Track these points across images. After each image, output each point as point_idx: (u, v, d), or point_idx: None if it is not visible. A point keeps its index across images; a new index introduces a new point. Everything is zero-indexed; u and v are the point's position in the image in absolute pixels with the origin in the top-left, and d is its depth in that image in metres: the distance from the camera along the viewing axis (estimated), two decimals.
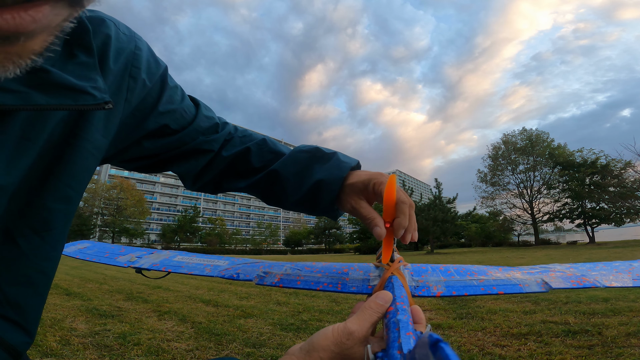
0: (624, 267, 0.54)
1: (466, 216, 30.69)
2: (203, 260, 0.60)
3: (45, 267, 0.34)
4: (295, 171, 0.51)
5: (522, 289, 0.46)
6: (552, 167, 29.38)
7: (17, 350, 0.32)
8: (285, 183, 0.51)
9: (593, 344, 2.03)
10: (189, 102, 0.51)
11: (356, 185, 0.47)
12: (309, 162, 0.51)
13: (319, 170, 0.50)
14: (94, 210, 39.33)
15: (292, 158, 0.52)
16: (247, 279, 0.53)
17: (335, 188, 0.48)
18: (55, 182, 0.32)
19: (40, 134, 0.29)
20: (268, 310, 3.32)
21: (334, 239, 54.40)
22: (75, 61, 0.30)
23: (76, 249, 0.70)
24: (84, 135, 0.33)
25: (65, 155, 0.32)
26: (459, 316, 2.81)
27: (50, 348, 2.14)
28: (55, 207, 0.33)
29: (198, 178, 0.54)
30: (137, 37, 0.41)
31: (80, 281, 5.61)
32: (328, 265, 0.55)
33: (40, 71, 0.26)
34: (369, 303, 0.35)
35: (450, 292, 0.46)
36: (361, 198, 0.48)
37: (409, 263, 0.52)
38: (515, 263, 8.43)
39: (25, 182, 0.30)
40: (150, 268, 0.59)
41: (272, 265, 0.57)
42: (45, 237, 0.33)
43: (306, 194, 0.50)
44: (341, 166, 0.49)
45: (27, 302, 0.33)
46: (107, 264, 0.64)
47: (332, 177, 0.48)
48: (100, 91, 0.30)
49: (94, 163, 0.36)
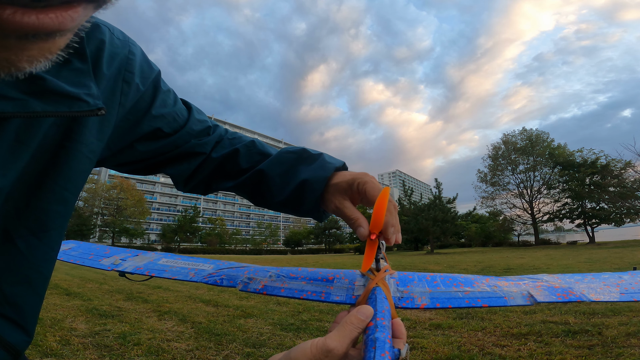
0: (613, 279, 0.54)
1: (466, 216, 30.67)
2: (188, 264, 0.59)
3: (43, 268, 0.35)
4: (280, 171, 0.51)
5: (507, 301, 0.46)
6: (552, 167, 29.39)
7: (16, 349, 0.33)
8: (271, 183, 0.51)
9: (593, 344, 2.03)
10: (182, 106, 0.52)
11: (340, 185, 0.48)
12: (295, 162, 0.52)
13: (304, 171, 0.50)
14: (94, 210, 39.35)
15: (278, 158, 0.53)
16: (230, 285, 0.52)
17: (319, 188, 0.48)
18: (51, 185, 0.33)
19: (33, 137, 0.30)
20: (268, 310, 3.32)
21: (334, 239, 54.41)
22: (69, 67, 0.30)
23: (60, 250, 0.69)
24: (79, 139, 0.34)
25: (60, 158, 0.33)
26: (459, 316, 2.81)
27: (50, 348, 2.14)
28: (52, 209, 0.34)
29: (190, 180, 0.55)
30: (130, 42, 0.42)
31: (80, 281, 5.61)
32: (314, 272, 0.54)
33: (37, 78, 0.27)
34: (350, 318, 0.35)
35: (435, 304, 0.45)
36: (345, 198, 0.48)
37: (395, 272, 0.52)
38: (515, 263, 8.43)
39: (22, 184, 0.31)
40: (134, 272, 0.58)
41: (257, 270, 0.56)
42: (42, 238, 0.33)
43: (291, 193, 0.50)
44: (326, 166, 0.49)
45: (25, 302, 0.34)
46: (91, 267, 0.63)
47: (316, 177, 0.48)
48: (94, 97, 0.31)
49: (89, 166, 0.37)
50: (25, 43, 0.16)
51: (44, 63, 0.17)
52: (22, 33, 0.15)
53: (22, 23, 0.14)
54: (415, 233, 24.88)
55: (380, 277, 0.45)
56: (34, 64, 0.17)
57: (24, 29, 0.14)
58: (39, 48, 0.16)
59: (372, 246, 0.45)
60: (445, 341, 2.24)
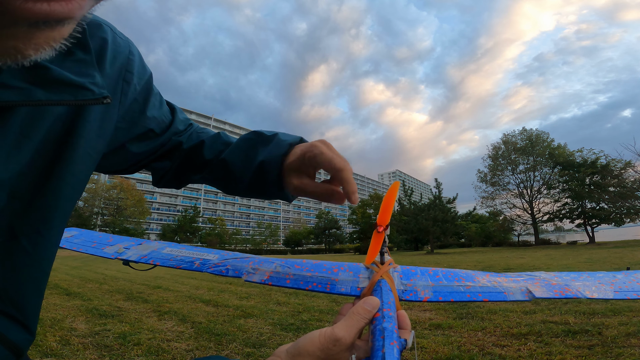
0: (608, 278, 0.55)
1: (466, 216, 30.65)
2: (192, 254, 0.59)
3: (45, 265, 0.35)
4: (241, 157, 0.51)
5: (506, 296, 0.47)
6: (552, 167, 29.37)
7: (19, 348, 0.33)
8: (234, 169, 0.51)
9: (593, 344, 2.03)
10: (167, 107, 0.53)
11: (294, 163, 0.46)
12: (253, 146, 0.51)
13: (261, 153, 0.49)
14: (94, 210, 39.35)
15: (237, 145, 0.52)
16: (235, 275, 0.52)
17: (275, 167, 0.47)
18: (57, 182, 0.33)
19: (37, 131, 0.30)
20: (268, 310, 3.32)
21: (334, 239, 54.39)
22: (72, 58, 0.30)
23: (63, 238, 0.68)
24: (82, 134, 0.34)
25: (64, 154, 0.33)
26: (459, 316, 2.81)
27: (50, 348, 2.14)
28: (57, 205, 0.33)
29: (164, 175, 0.56)
30: (130, 42, 0.42)
31: (80, 281, 5.61)
32: (318, 264, 0.54)
33: (40, 68, 0.27)
34: (356, 308, 0.35)
35: (437, 297, 0.46)
36: (302, 175, 0.46)
37: (398, 265, 0.52)
38: (515, 263, 8.43)
39: (27, 180, 0.30)
40: (138, 260, 0.57)
41: (262, 261, 0.56)
42: (46, 235, 0.33)
43: (252, 177, 0.49)
44: (280, 144, 0.48)
45: (28, 300, 0.33)
46: (94, 255, 0.61)
47: (271, 157, 0.47)
48: (99, 86, 0.31)
49: (91, 164, 0.37)
50: (34, 31, 0.16)
51: (48, 51, 0.18)
52: (34, 20, 0.15)
53: (35, 10, 0.15)
54: (415, 233, 24.87)
55: (384, 269, 0.46)
56: (40, 52, 0.18)
57: (36, 16, 0.15)
58: (45, 36, 0.17)
59: (378, 239, 0.45)
60: (445, 341, 2.24)
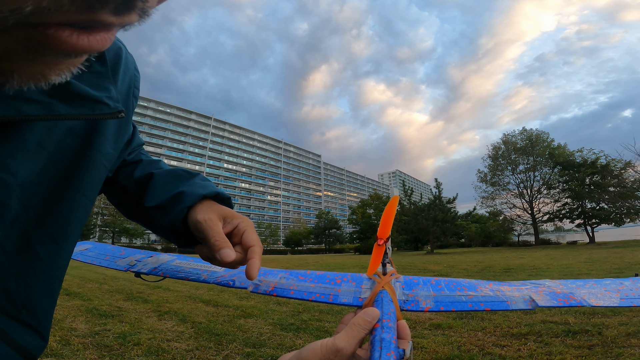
0: (615, 285, 0.54)
1: (466, 216, 30.71)
2: (200, 266, 0.61)
3: (59, 273, 0.36)
4: (167, 179, 0.51)
5: (509, 306, 0.47)
6: (552, 167, 29.38)
7: (32, 354, 0.33)
8: (153, 186, 0.50)
9: (593, 344, 2.03)
10: None
11: (220, 209, 0.46)
12: (182, 177, 0.51)
13: (183, 185, 0.49)
14: (94, 210, 39.35)
15: (173, 171, 0.53)
16: (242, 286, 0.55)
17: (193, 199, 0.47)
18: (73, 192, 0.34)
19: (51, 142, 0.31)
20: (268, 310, 3.32)
21: (334, 239, 54.40)
22: (90, 70, 0.31)
23: (77, 251, 0.71)
24: (98, 147, 0.35)
25: (80, 165, 0.34)
26: (459, 316, 2.81)
27: (50, 348, 2.14)
28: (73, 215, 0.34)
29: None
30: (134, 59, 0.44)
31: (80, 281, 5.62)
32: (322, 275, 0.56)
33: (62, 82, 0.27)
34: (357, 319, 0.36)
35: (439, 307, 0.47)
36: (219, 218, 0.46)
37: (401, 275, 0.53)
38: (515, 263, 8.43)
39: (40, 189, 0.31)
40: (149, 272, 0.60)
41: (267, 273, 0.59)
42: (62, 244, 0.34)
43: (164, 200, 0.48)
44: (206, 185, 0.50)
45: (41, 307, 0.34)
46: (108, 267, 0.65)
47: (191, 191, 0.47)
48: (114, 100, 0.32)
49: (104, 174, 0.39)
50: (63, 59, 0.17)
51: (67, 74, 0.19)
52: (73, 53, 0.16)
53: (77, 44, 0.15)
54: (415, 233, 24.87)
55: (386, 280, 0.47)
56: (60, 76, 0.19)
57: (77, 50, 0.16)
58: (70, 62, 0.18)
59: (379, 251, 0.47)
60: (445, 341, 2.24)
